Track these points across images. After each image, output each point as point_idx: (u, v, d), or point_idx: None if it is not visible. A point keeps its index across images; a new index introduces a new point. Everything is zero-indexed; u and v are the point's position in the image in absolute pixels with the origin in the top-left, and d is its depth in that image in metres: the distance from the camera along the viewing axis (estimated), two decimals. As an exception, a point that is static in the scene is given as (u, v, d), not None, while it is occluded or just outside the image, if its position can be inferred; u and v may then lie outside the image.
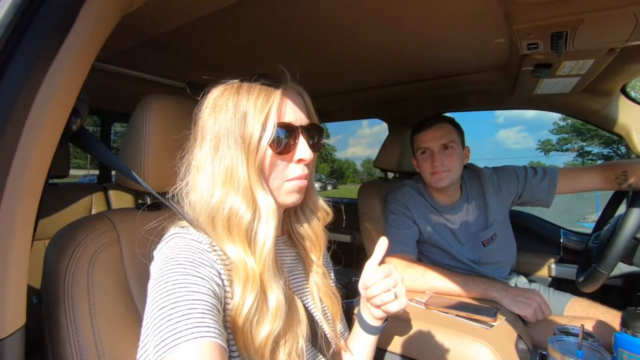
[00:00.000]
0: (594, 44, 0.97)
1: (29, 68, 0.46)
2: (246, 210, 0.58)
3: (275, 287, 0.58)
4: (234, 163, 0.58)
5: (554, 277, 1.73)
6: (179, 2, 0.85)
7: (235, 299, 0.55)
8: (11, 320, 0.47)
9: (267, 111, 0.59)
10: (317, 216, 0.74)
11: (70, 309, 0.61)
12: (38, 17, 0.47)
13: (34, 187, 0.50)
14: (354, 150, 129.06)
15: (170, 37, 1.05)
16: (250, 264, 0.56)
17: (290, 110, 0.62)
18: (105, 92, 1.75)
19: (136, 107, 0.75)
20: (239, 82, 0.62)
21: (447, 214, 1.42)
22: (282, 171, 0.63)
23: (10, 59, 0.45)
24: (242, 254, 0.57)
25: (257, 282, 0.56)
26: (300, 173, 0.63)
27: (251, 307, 0.55)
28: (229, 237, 0.58)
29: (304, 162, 0.63)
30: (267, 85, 0.61)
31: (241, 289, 0.55)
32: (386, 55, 1.27)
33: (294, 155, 0.62)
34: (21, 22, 0.45)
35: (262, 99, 0.59)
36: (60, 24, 0.48)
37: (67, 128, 0.57)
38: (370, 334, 0.76)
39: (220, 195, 0.58)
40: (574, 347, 0.79)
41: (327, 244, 0.79)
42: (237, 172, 0.58)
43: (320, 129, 0.69)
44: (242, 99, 0.60)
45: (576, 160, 43.64)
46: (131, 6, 0.61)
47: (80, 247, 0.65)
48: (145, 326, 0.48)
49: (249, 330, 0.55)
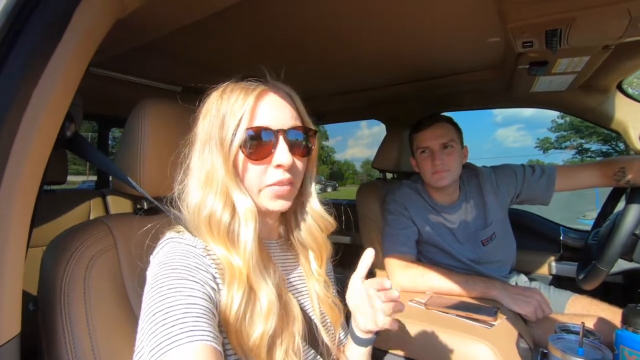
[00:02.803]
0: (589, 41, 0.97)
1: (21, 73, 0.46)
2: (223, 211, 0.58)
3: (265, 286, 0.58)
4: (214, 165, 0.59)
5: (554, 275, 1.72)
6: (172, 6, 0.85)
7: (223, 298, 0.55)
8: (6, 328, 0.46)
9: (241, 114, 0.58)
10: (319, 225, 0.72)
11: (66, 315, 0.60)
12: (31, 21, 0.46)
13: (28, 193, 0.50)
14: (353, 152, 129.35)
15: (165, 41, 1.05)
16: (235, 262, 0.56)
17: (269, 112, 0.61)
18: (102, 97, 1.75)
19: (131, 111, 0.74)
20: (225, 87, 0.62)
21: (445, 214, 1.42)
22: (260, 176, 0.61)
23: (2, 63, 0.44)
24: (225, 253, 0.57)
25: (244, 280, 0.56)
26: (280, 178, 0.61)
27: (239, 306, 0.54)
28: (212, 236, 0.58)
29: (282, 167, 0.60)
30: (246, 88, 0.60)
31: (228, 286, 0.55)
32: (382, 56, 1.27)
33: (272, 160, 0.61)
34: (14, 26, 0.45)
35: (239, 102, 0.59)
36: (53, 29, 0.48)
37: (62, 133, 0.57)
38: (360, 346, 0.73)
39: (200, 197, 0.59)
40: (575, 345, 0.79)
41: (330, 253, 0.76)
42: (217, 174, 0.59)
43: (311, 131, 0.66)
44: (223, 103, 0.60)
45: (575, 158, 43.68)
46: (124, 10, 0.61)
47: (77, 253, 0.64)
48: (141, 331, 0.48)
49: (241, 330, 0.55)
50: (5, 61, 0.44)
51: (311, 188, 0.72)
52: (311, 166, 0.71)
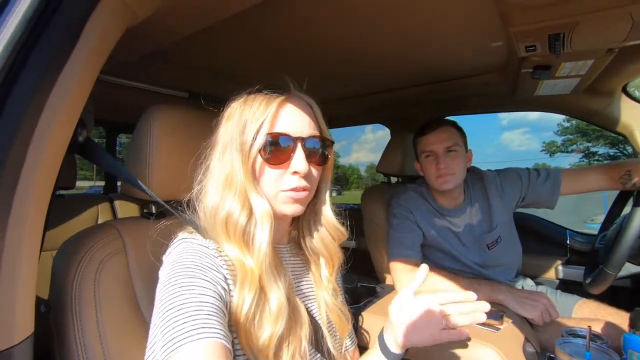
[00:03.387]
0: (592, 45, 0.97)
1: (37, 81, 0.47)
2: (240, 213, 0.60)
3: (276, 288, 0.59)
4: (234, 168, 0.61)
5: (561, 279, 1.71)
6: (181, 14, 0.87)
7: (234, 298, 0.56)
8: (20, 328, 0.48)
9: (262, 119, 0.61)
10: (331, 234, 0.73)
11: (77, 317, 0.62)
12: (47, 31, 0.48)
13: (41, 198, 0.51)
14: (358, 156, 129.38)
15: (173, 48, 1.07)
16: (248, 264, 0.58)
17: (289, 120, 0.63)
18: (110, 103, 1.78)
19: (140, 117, 0.76)
20: (248, 94, 0.65)
21: (450, 217, 1.42)
22: (277, 180, 0.63)
23: (19, 72, 0.46)
24: (239, 254, 0.58)
25: (256, 281, 0.57)
26: (295, 185, 0.63)
27: (250, 306, 0.55)
28: (227, 237, 0.60)
29: (298, 174, 0.62)
30: (269, 95, 0.63)
31: (240, 286, 0.57)
32: (386, 61, 1.28)
33: (289, 166, 0.63)
34: (30, 37, 0.47)
35: (261, 108, 0.61)
36: (67, 39, 0.50)
37: (74, 139, 0.58)
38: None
39: (219, 198, 0.61)
40: (582, 349, 0.78)
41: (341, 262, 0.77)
42: (236, 177, 0.60)
43: (328, 141, 0.68)
44: (246, 109, 0.62)
45: (582, 161, 43.29)
46: (135, 19, 0.63)
47: (87, 256, 0.66)
48: (153, 327, 0.49)
49: (251, 330, 0.56)
50: (23, 69, 0.46)
51: (325, 196, 0.73)
52: (326, 175, 0.73)
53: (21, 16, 0.46)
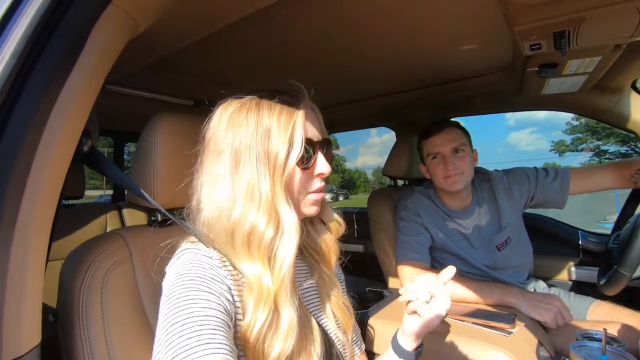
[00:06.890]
0: (599, 41, 0.96)
1: (41, 92, 0.48)
2: (267, 226, 0.57)
3: (289, 306, 0.57)
4: (255, 178, 0.58)
5: (574, 280, 1.67)
6: (183, 24, 0.88)
7: (247, 317, 0.55)
8: (27, 338, 0.48)
9: (291, 128, 0.59)
10: (330, 228, 0.74)
11: (84, 326, 0.62)
12: (50, 43, 0.49)
13: (47, 207, 0.51)
14: (365, 160, 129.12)
15: (178, 57, 1.08)
16: (265, 282, 0.56)
17: (310, 127, 0.64)
18: (116, 113, 1.81)
19: (145, 126, 0.77)
20: (258, 99, 0.62)
21: (458, 219, 1.40)
22: (305, 185, 0.64)
23: (24, 83, 0.47)
24: (260, 271, 0.56)
25: (271, 300, 0.56)
26: (320, 186, 0.66)
27: (262, 326, 0.54)
28: (248, 254, 0.57)
29: (323, 175, 0.65)
30: (289, 102, 0.61)
31: (253, 307, 0.55)
32: (390, 63, 1.28)
33: (314, 169, 0.64)
34: (34, 49, 0.47)
35: (285, 116, 0.60)
36: (71, 49, 0.51)
37: (79, 149, 0.59)
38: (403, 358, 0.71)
39: (240, 211, 0.57)
40: (597, 352, 0.76)
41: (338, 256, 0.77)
42: (260, 188, 0.57)
43: (330, 142, 0.71)
44: (264, 116, 0.59)
45: (593, 160, 42.62)
46: (137, 30, 0.64)
47: (93, 265, 0.66)
48: (157, 342, 0.49)
49: (260, 349, 0.55)
50: (27, 81, 0.47)
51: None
52: None
53: (25, 27, 0.47)
